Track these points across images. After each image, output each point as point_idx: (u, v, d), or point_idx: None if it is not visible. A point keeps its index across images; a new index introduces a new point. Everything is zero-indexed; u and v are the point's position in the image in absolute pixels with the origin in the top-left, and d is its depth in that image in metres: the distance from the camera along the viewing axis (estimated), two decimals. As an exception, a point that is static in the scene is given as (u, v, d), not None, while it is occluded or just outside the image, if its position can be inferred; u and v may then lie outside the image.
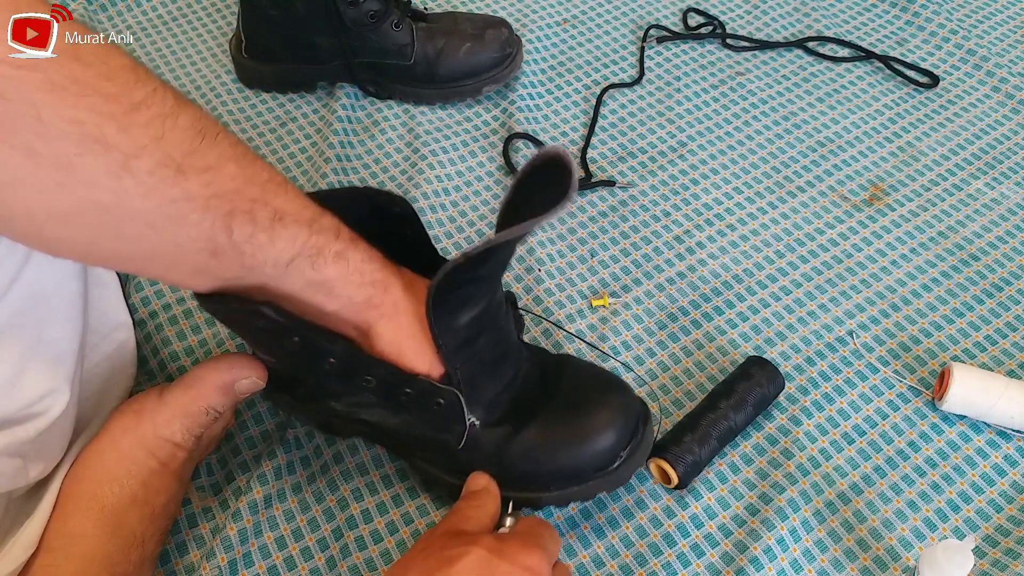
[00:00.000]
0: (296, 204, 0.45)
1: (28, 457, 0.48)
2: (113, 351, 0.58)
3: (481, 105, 0.88)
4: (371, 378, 0.51)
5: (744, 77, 0.92)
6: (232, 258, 0.43)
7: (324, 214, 0.47)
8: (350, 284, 0.48)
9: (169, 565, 0.57)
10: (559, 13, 0.99)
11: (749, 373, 0.64)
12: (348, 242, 0.47)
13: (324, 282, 0.47)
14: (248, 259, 0.43)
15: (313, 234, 0.45)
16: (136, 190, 0.39)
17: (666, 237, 0.77)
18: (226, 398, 0.54)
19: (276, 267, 0.45)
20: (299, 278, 0.46)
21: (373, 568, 0.57)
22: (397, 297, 0.50)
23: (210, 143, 0.41)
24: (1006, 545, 0.59)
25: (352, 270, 0.47)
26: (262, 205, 0.43)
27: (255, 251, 0.43)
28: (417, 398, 0.52)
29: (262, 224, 0.43)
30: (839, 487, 0.62)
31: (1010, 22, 0.98)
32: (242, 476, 0.61)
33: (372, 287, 0.49)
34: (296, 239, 0.44)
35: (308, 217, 0.46)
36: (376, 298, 0.49)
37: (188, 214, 0.41)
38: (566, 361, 0.60)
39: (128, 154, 0.38)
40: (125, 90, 0.38)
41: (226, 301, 0.46)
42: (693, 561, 0.58)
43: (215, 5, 0.99)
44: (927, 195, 0.81)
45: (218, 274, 0.44)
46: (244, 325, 0.50)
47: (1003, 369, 0.69)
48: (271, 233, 0.43)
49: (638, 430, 0.57)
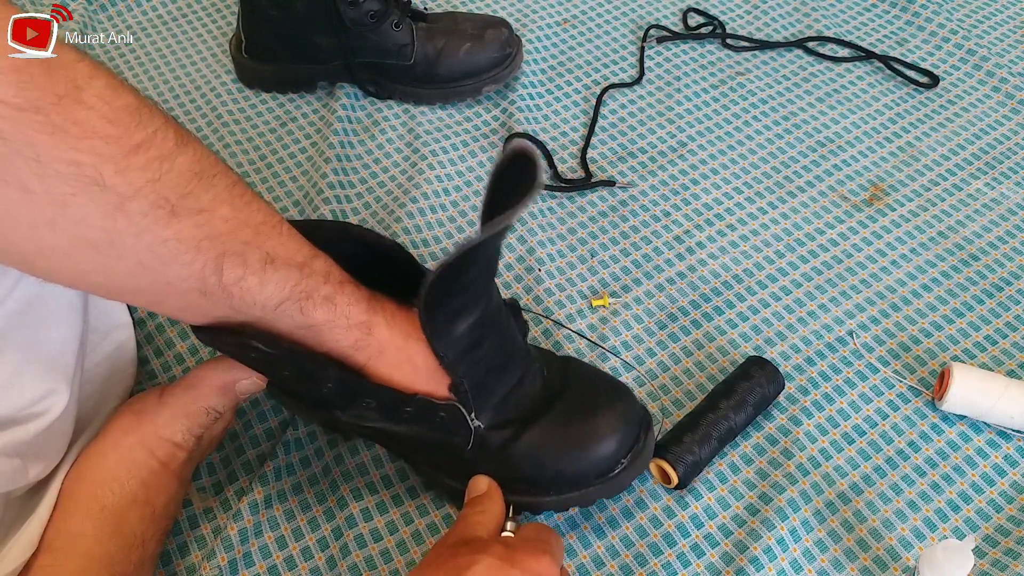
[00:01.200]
0: (289, 248, 0.46)
1: (28, 457, 0.48)
2: (113, 351, 0.58)
3: (481, 105, 0.88)
4: (371, 400, 0.52)
5: (744, 77, 0.92)
6: (221, 298, 0.44)
7: (317, 257, 0.48)
8: (336, 328, 0.48)
9: (171, 566, 0.57)
10: (559, 13, 0.99)
11: (749, 373, 0.64)
12: (337, 285, 0.48)
13: (312, 326, 0.48)
14: (237, 301, 0.44)
15: (304, 278, 0.46)
16: (129, 230, 0.39)
17: (666, 237, 0.77)
18: (227, 398, 0.54)
19: (264, 310, 0.45)
20: (288, 321, 0.47)
21: (373, 567, 0.57)
22: (381, 338, 0.51)
23: (206, 185, 0.42)
24: (1006, 545, 0.59)
25: (339, 314, 0.48)
26: (254, 248, 0.44)
27: (244, 293, 0.44)
28: (418, 413, 0.52)
29: (253, 267, 0.44)
30: (839, 487, 0.62)
31: (1010, 22, 0.98)
32: (244, 477, 0.61)
33: (358, 330, 0.49)
34: (286, 283, 0.45)
35: (299, 261, 0.46)
36: (361, 341, 0.50)
37: (179, 255, 0.41)
38: (571, 363, 0.60)
39: (123, 195, 0.38)
40: (126, 132, 0.38)
41: (219, 335, 0.47)
42: (693, 561, 0.58)
43: (215, 5, 0.99)
44: (927, 195, 0.81)
45: (207, 312, 0.45)
46: (237, 355, 0.51)
47: (1003, 369, 0.69)
48: (261, 276, 0.44)
49: (640, 437, 0.57)
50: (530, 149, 0.46)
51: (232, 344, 0.48)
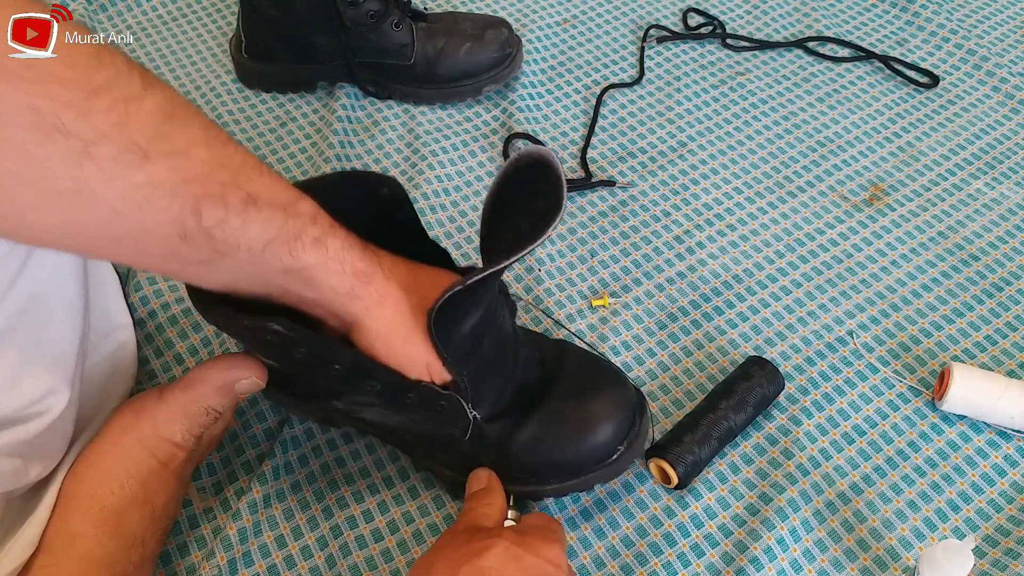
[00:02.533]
0: (271, 188, 0.44)
1: (28, 457, 0.48)
2: (113, 351, 0.58)
3: (481, 105, 0.88)
4: (375, 383, 0.51)
5: (744, 77, 0.92)
6: (203, 243, 0.42)
7: (301, 198, 0.46)
8: (330, 273, 0.46)
9: (171, 566, 0.57)
10: (559, 13, 0.99)
11: (749, 373, 0.64)
12: (327, 228, 0.46)
13: (302, 270, 0.45)
14: (220, 244, 0.42)
15: (289, 218, 0.44)
16: (98, 177, 0.38)
17: (666, 237, 0.77)
18: (226, 398, 0.54)
19: (251, 252, 0.43)
20: (276, 264, 0.44)
21: (373, 567, 0.57)
22: (381, 288, 0.49)
23: (179, 126, 0.40)
24: (1006, 545, 0.59)
25: (331, 258, 0.46)
26: (234, 189, 0.42)
27: (227, 236, 0.42)
28: (420, 401, 0.52)
29: (234, 208, 0.42)
30: (839, 487, 0.62)
31: (1010, 22, 0.98)
32: (244, 477, 0.61)
33: (354, 277, 0.47)
34: (271, 223, 0.43)
35: (283, 201, 0.44)
36: (358, 289, 0.48)
37: (155, 200, 0.39)
38: (564, 347, 0.60)
39: (88, 141, 0.37)
40: (84, 74, 0.37)
41: (234, 317, 0.46)
42: (693, 561, 0.58)
43: (215, 5, 0.99)
44: (927, 195, 0.81)
45: (190, 259, 0.43)
46: (250, 338, 0.50)
47: (1003, 369, 0.69)
48: (243, 217, 0.42)
49: (636, 421, 0.58)
50: (551, 160, 0.45)
51: (247, 326, 0.46)
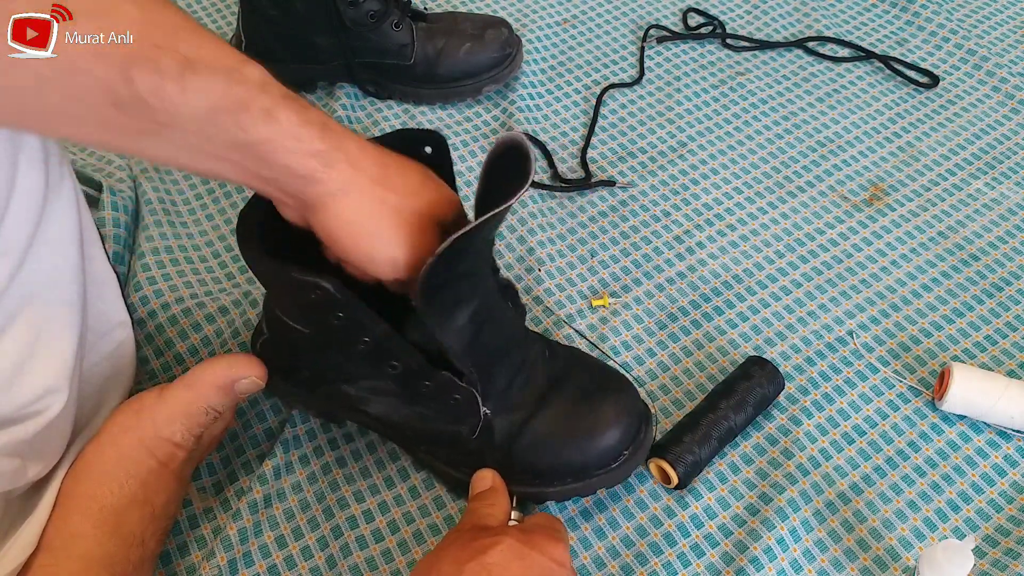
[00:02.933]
0: (211, 51, 0.40)
1: (27, 457, 0.48)
2: (112, 350, 0.58)
3: (481, 105, 0.88)
4: (397, 364, 0.51)
5: (744, 77, 0.92)
6: (141, 111, 0.39)
7: (248, 63, 0.42)
8: (286, 152, 0.42)
9: (171, 566, 0.57)
10: (559, 13, 0.99)
11: (749, 373, 0.64)
12: (279, 98, 0.42)
13: (253, 144, 0.42)
14: (160, 114, 0.39)
15: (233, 84, 0.40)
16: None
17: (666, 237, 0.77)
18: (226, 398, 0.54)
19: (195, 122, 0.40)
20: (224, 137, 0.41)
21: (374, 567, 0.57)
22: (345, 174, 0.44)
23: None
24: (1006, 545, 0.59)
25: (285, 134, 0.42)
26: (168, 52, 0.38)
27: (164, 104, 0.39)
28: (435, 391, 0.52)
29: (169, 73, 0.38)
30: (839, 487, 0.62)
31: (1010, 22, 0.98)
32: (244, 476, 0.61)
33: (313, 159, 0.43)
34: (211, 90, 0.40)
35: (226, 66, 0.41)
36: (319, 172, 0.44)
37: (78, 62, 0.37)
38: (575, 353, 0.60)
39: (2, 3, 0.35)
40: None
41: (283, 269, 0.46)
42: (693, 561, 0.58)
43: (215, 5, 0.99)
44: (927, 195, 0.81)
45: (129, 129, 0.40)
46: (294, 294, 0.48)
47: (1003, 369, 0.69)
48: (181, 83, 0.39)
49: (641, 429, 0.58)
50: (521, 140, 0.46)
51: (295, 281, 0.45)
